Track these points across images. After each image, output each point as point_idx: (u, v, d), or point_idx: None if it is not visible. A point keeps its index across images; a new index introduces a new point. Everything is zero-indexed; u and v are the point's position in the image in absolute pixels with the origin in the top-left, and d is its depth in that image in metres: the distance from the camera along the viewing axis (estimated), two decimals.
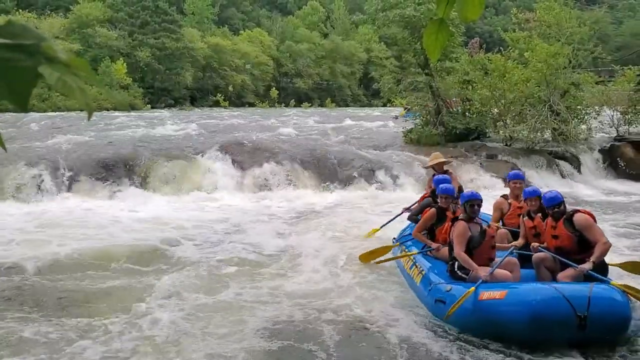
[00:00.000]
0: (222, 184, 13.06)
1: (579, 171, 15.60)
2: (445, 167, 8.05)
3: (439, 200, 6.69)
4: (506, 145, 16.35)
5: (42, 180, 11.91)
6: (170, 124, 24.94)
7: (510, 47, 17.38)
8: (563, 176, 15.12)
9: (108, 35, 53.83)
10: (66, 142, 15.80)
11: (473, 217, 5.66)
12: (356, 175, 13.76)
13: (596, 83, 17.48)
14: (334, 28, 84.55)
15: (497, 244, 5.86)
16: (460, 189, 7.36)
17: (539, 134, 15.58)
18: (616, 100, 17.82)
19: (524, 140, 15.65)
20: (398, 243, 7.27)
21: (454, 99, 18.11)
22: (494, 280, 5.15)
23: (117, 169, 12.72)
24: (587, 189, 14.44)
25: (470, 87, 16.76)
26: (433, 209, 6.59)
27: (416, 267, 6.18)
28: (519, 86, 15.48)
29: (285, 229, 9.80)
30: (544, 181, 14.57)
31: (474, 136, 16.96)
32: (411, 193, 13.30)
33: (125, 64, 51.14)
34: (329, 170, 13.97)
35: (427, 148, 16.01)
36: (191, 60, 59.48)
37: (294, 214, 11.12)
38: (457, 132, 16.76)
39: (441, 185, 6.73)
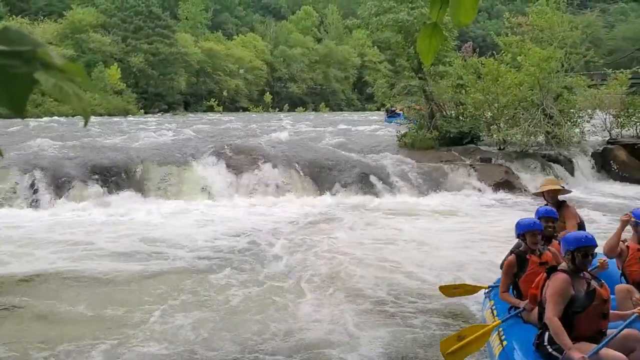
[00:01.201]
0: (217, 190, 13.01)
1: (572, 174, 15.65)
2: (560, 197, 6.15)
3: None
4: (500, 148, 16.39)
5: (35, 187, 11.83)
6: (165, 129, 24.90)
7: (503, 51, 17.46)
8: (556, 179, 15.15)
9: (101, 40, 53.81)
10: (59, 148, 15.73)
11: (581, 270, 3.94)
12: (351, 180, 13.74)
13: (588, 86, 17.59)
14: (327, 33, 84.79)
15: (614, 311, 4.19)
16: (581, 226, 5.71)
17: (532, 137, 15.65)
18: (609, 103, 17.94)
19: (518, 144, 15.71)
20: (489, 289, 5.51)
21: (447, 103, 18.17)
22: None
23: (110, 175, 12.66)
24: (581, 191, 14.48)
25: (463, 91, 16.82)
26: (511, 256, 4.92)
27: (498, 333, 4.49)
28: (512, 90, 15.54)
29: (281, 239, 9.34)
30: (538, 184, 14.62)
31: (468, 140, 17.00)
32: (406, 198, 13.35)
33: (119, 69, 51.12)
34: (324, 175, 13.95)
35: (421, 152, 16.06)
36: (185, 65, 59.50)
37: (290, 221, 10.89)
38: (451, 136, 16.80)
39: (521, 220, 4.92)
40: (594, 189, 14.96)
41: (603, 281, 3.98)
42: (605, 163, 16.57)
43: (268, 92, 68.40)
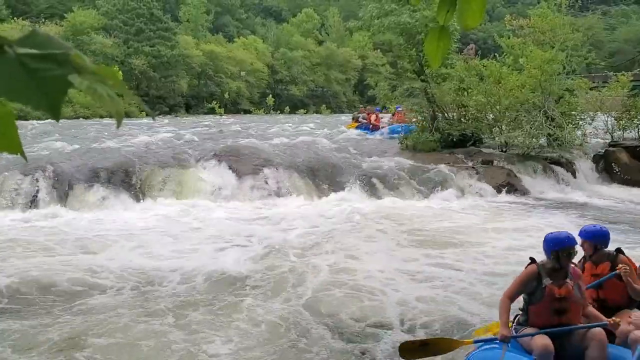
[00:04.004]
0: (219, 192, 13.00)
1: (574, 176, 15.65)
2: None
3: None
4: (502, 151, 16.39)
5: (37, 189, 11.83)
6: (166, 132, 24.91)
7: (505, 53, 17.46)
8: (558, 182, 15.17)
9: (103, 42, 53.81)
10: (61, 150, 15.75)
11: (561, 268, 4.23)
12: (353, 183, 13.74)
13: (590, 89, 17.60)
14: (328, 35, 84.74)
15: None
16: None
17: (534, 139, 15.61)
18: (610, 106, 17.95)
19: (520, 146, 15.68)
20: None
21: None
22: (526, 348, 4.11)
23: (112, 178, 12.65)
24: (582, 194, 14.49)
25: (465, 93, 16.82)
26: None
27: None
28: (514, 92, 15.54)
29: (283, 248, 8.92)
30: (540, 187, 14.65)
31: (470, 142, 16.98)
32: (408, 200, 13.34)
33: (120, 72, 50.74)
34: (326, 178, 13.94)
35: (423, 154, 16.07)
36: (186, 68, 59.52)
37: (292, 226, 10.59)
38: (454, 138, 16.79)
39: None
40: (596, 192, 14.95)
41: (569, 282, 4.18)
42: (607, 165, 16.56)
43: (270, 95, 68.32)
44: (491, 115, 16.86)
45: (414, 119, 18.69)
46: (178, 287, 7.01)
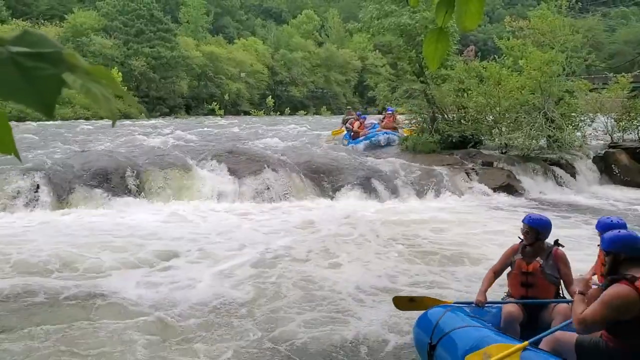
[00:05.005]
0: (218, 194, 12.97)
1: (574, 178, 15.65)
2: None
3: None
4: (502, 152, 16.38)
5: (36, 190, 11.80)
6: (166, 133, 24.92)
7: (504, 55, 17.47)
8: (558, 183, 15.18)
9: (103, 43, 53.83)
10: (60, 151, 15.74)
11: (528, 244, 4.80)
12: (352, 184, 13.70)
13: (590, 90, 17.61)
14: (328, 36, 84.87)
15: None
16: None
17: (534, 141, 15.61)
18: (610, 107, 17.98)
19: (520, 148, 15.66)
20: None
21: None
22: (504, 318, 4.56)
23: (111, 179, 12.60)
24: (582, 195, 14.50)
25: (465, 94, 16.81)
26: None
27: None
28: (514, 94, 15.55)
29: (275, 258, 8.51)
30: (540, 188, 14.65)
31: (471, 144, 16.96)
32: (407, 202, 13.33)
33: (120, 73, 51.15)
34: (325, 180, 13.90)
35: (423, 156, 16.05)
36: (186, 69, 59.52)
37: (288, 231, 10.31)
38: (453, 140, 16.77)
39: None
40: (596, 193, 14.96)
41: (540, 260, 4.70)
42: (607, 167, 16.57)
43: (270, 96, 68.34)
44: (491, 116, 16.86)
45: (414, 120, 18.66)
46: (161, 300, 6.67)
